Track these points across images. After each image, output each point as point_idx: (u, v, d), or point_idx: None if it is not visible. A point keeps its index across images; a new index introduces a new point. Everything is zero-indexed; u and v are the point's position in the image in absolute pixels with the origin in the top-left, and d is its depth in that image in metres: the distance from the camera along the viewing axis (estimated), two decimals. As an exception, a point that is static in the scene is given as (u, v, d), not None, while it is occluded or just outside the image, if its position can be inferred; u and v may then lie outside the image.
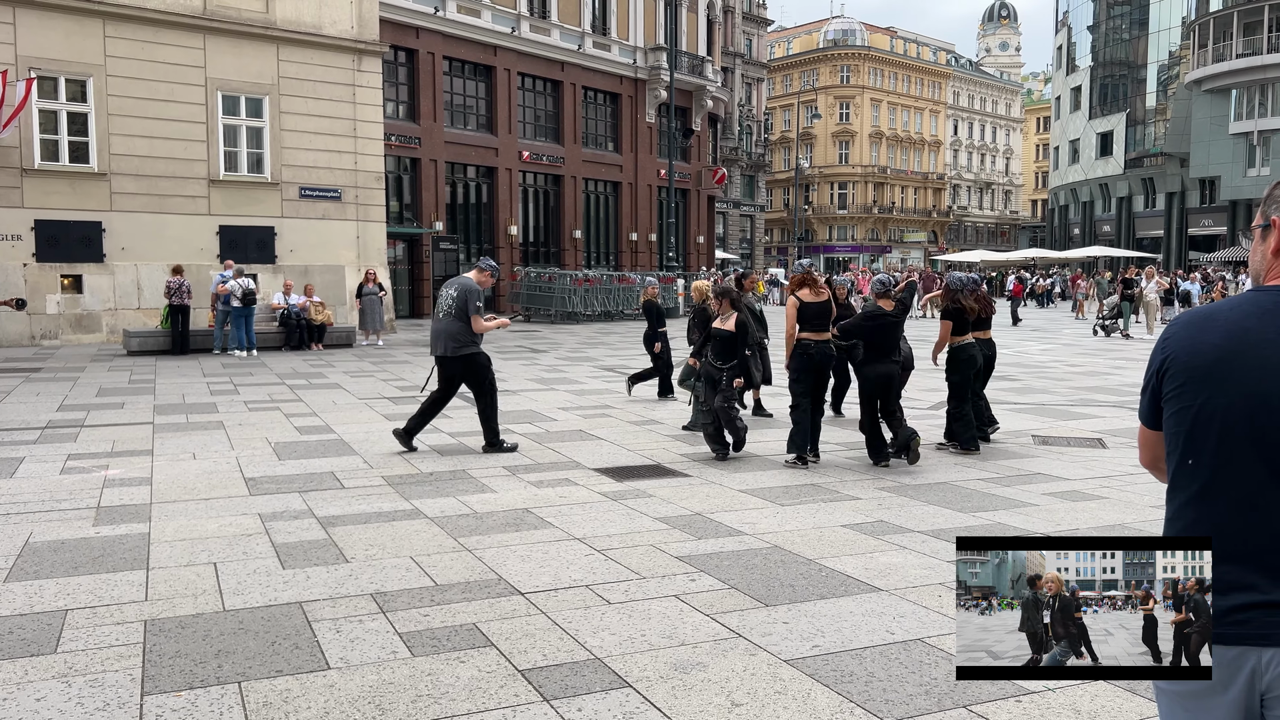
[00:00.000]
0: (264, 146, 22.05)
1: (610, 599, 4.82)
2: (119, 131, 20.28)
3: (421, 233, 30.43)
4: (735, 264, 50.84)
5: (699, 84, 40.87)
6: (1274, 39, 44.54)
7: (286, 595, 4.86)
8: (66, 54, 19.67)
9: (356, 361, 17.25)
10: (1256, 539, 1.71)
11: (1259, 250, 1.91)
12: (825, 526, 6.24)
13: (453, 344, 8.84)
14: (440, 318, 8.96)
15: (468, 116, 33.14)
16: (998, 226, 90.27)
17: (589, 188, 37.50)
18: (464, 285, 8.97)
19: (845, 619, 4.55)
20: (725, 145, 53.21)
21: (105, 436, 9.47)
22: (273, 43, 21.92)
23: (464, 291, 8.89)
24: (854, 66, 76.29)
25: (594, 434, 9.82)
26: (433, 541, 5.86)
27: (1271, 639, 1.67)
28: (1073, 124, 63.33)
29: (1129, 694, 3.73)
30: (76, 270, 19.97)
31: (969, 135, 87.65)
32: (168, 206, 20.86)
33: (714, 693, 3.73)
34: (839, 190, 77.56)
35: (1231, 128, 46.65)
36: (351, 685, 3.80)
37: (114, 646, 4.17)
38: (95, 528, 6.14)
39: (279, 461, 8.31)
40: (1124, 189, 58.23)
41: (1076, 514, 6.64)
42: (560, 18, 35.18)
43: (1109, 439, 9.57)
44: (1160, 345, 1.91)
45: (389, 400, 12.17)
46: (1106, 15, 58.97)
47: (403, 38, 29.70)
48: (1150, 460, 2.03)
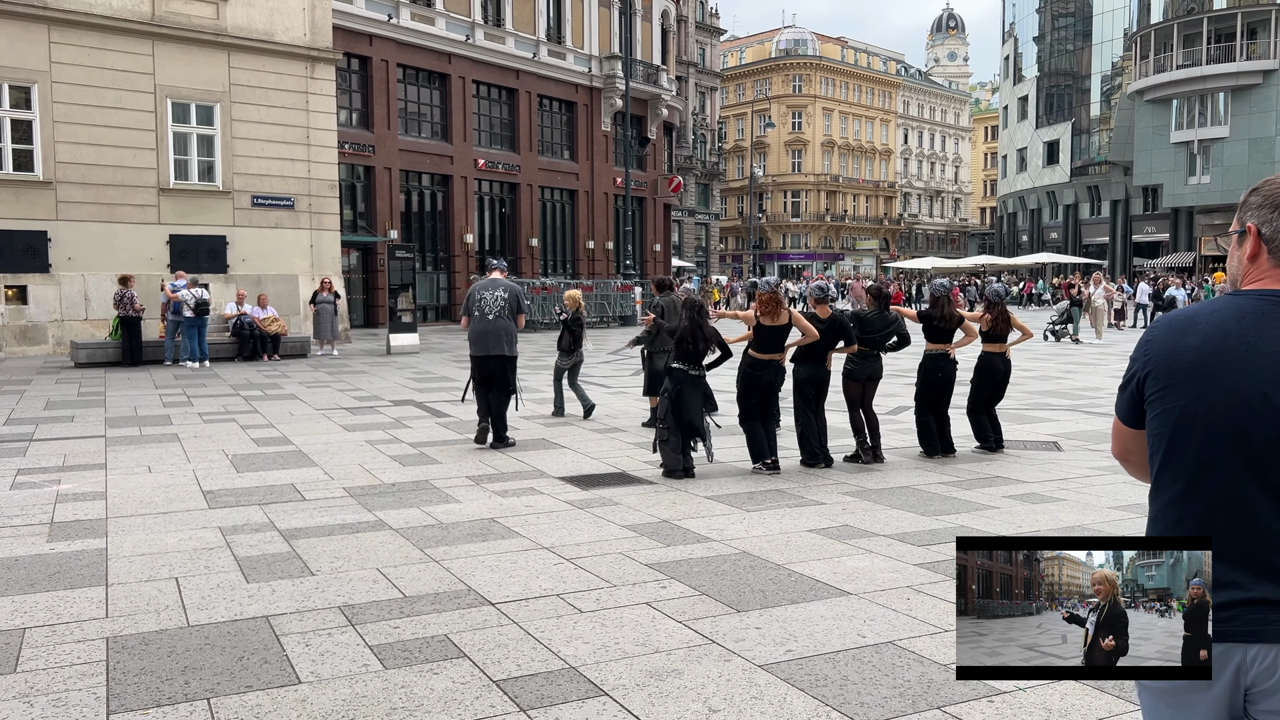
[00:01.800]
0: (215, 154, 21.72)
1: (582, 608, 4.80)
2: (65, 139, 19.85)
3: (376, 241, 30.16)
4: (690, 271, 51.05)
5: (654, 93, 41.01)
6: (1213, 51, 45.71)
7: (252, 609, 4.78)
8: (10, 60, 19.23)
9: (312, 372, 17.04)
10: (1239, 537, 1.75)
11: (1235, 255, 1.96)
12: (792, 531, 6.27)
13: (508, 342, 9.16)
14: (490, 318, 9.14)
15: (422, 124, 32.93)
16: (948, 234, 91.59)
17: (545, 196, 37.42)
18: (509, 285, 9.29)
19: (817, 623, 4.58)
20: (680, 154, 53.38)
21: (56, 450, 9.25)
22: (223, 49, 21.61)
23: (514, 292, 9.23)
24: (806, 76, 77.08)
25: (557, 442, 9.78)
26: (399, 553, 5.79)
27: (1256, 635, 1.71)
28: (1020, 133, 64.47)
29: (1097, 692, 3.79)
30: (21, 281, 19.49)
31: (919, 144, 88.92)
32: (116, 215, 20.45)
33: (691, 699, 3.73)
34: (792, 198, 78.26)
35: (1173, 137, 47.77)
36: (324, 699, 3.74)
37: (76, 665, 4.07)
38: (50, 544, 5.99)
39: (237, 474, 8.17)
40: (1070, 197, 59.38)
41: (1037, 516, 6.74)
42: (515, 26, 35.11)
43: (1064, 442, 9.74)
44: (1142, 348, 1.94)
45: (347, 411, 12.03)
46: (1051, 27, 60.16)
47: (356, 45, 29.45)
48: (1120, 452, 2.07)
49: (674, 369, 8.19)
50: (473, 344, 9.41)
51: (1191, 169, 47.35)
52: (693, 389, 8.09)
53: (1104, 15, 55.19)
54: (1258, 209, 1.90)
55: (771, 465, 8.19)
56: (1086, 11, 56.64)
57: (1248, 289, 1.88)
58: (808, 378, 8.44)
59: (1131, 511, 6.81)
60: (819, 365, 8.48)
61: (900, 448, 9.35)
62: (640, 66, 39.64)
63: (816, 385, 8.46)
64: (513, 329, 9.23)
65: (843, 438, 9.46)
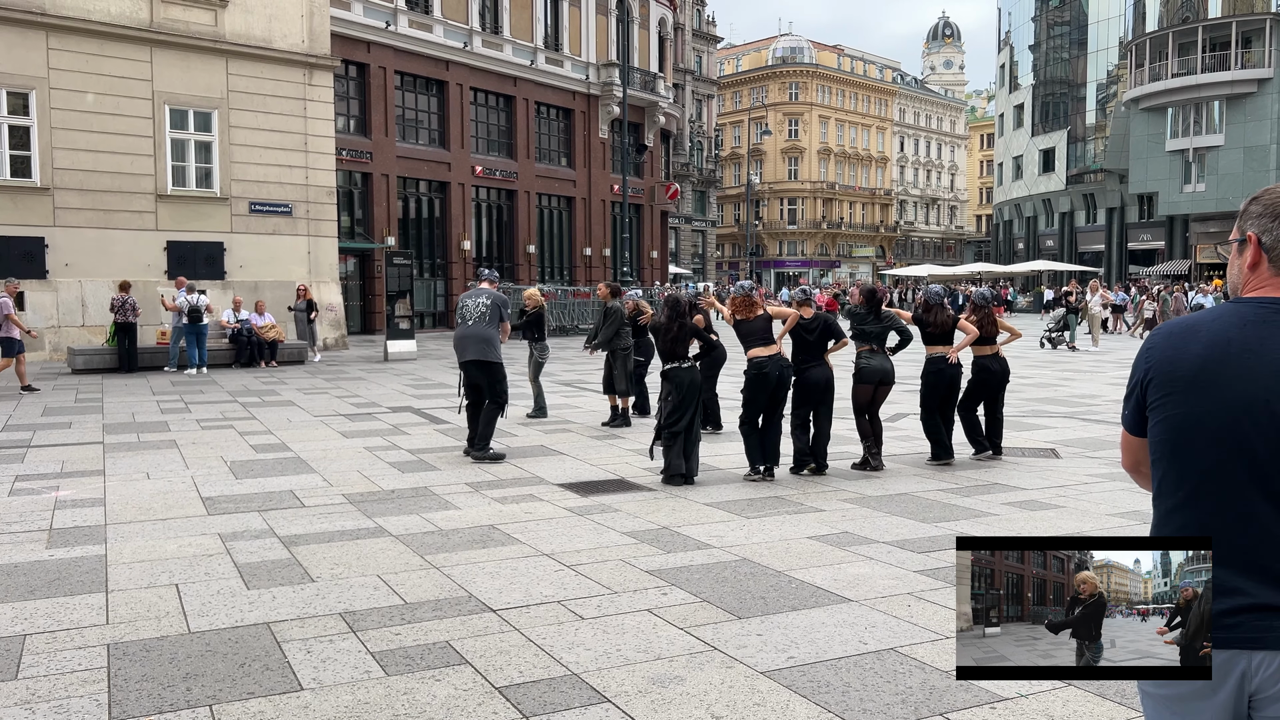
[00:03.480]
0: (213, 161, 21.73)
1: (583, 614, 4.80)
2: (63, 145, 19.85)
3: (373, 248, 30.16)
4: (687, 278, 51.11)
5: (651, 100, 41.09)
6: (1208, 59, 45.87)
7: (253, 616, 4.78)
8: (9, 66, 19.24)
9: (309, 378, 17.03)
10: (1242, 543, 1.76)
11: (1236, 264, 1.98)
12: (792, 538, 6.28)
13: (486, 348, 9.12)
14: (469, 324, 9.21)
15: (420, 131, 32.96)
16: (944, 241, 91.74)
17: (542, 203, 37.45)
18: (493, 294, 9.37)
19: (818, 630, 4.59)
20: (677, 161, 53.52)
21: (54, 457, 9.24)
22: (222, 56, 21.63)
23: (496, 300, 9.31)
24: (802, 84, 77.23)
25: (555, 449, 9.79)
26: (399, 559, 5.80)
27: (1261, 642, 1.71)
28: (1016, 141, 64.63)
29: (1100, 698, 3.80)
30: (18, 287, 19.44)
31: (915, 152, 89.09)
32: (113, 222, 20.44)
33: (694, 706, 3.74)
34: (789, 206, 78.34)
35: (1168, 145, 47.89)
36: (326, 706, 3.74)
37: (77, 671, 4.07)
38: (49, 550, 5.98)
39: (236, 480, 8.17)
40: (1066, 204, 59.51)
41: (1036, 523, 6.75)
42: (513, 33, 35.17)
43: (1062, 449, 9.76)
44: (1144, 355, 1.95)
45: (345, 417, 12.03)
46: (1047, 35, 60.33)
47: (354, 52, 29.48)
48: (1131, 464, 2.08)
49: (665, 370, 8.27)
50: (454, 350, 9.53)
51: (1187, 177, 47.48)
52: (692, 386, 8.15)
53: (1099, 24, 55.38)
54: (1258, 218, 1.92)
55: (765, 473, 8.21)
56: (1082, 20, 56.81)
57: (1248, 296, 1.90)
58: (810, 378, 8.43)
59: (1130, 518, 6.82)
60: (820, 364, 8.50)
61: (899, 455, 9.37)
62: (637, 74, 39.72)
63: (821, 386, 8.43)
64: (491, 335, 9.19)
65: (843, 444, 9.48)
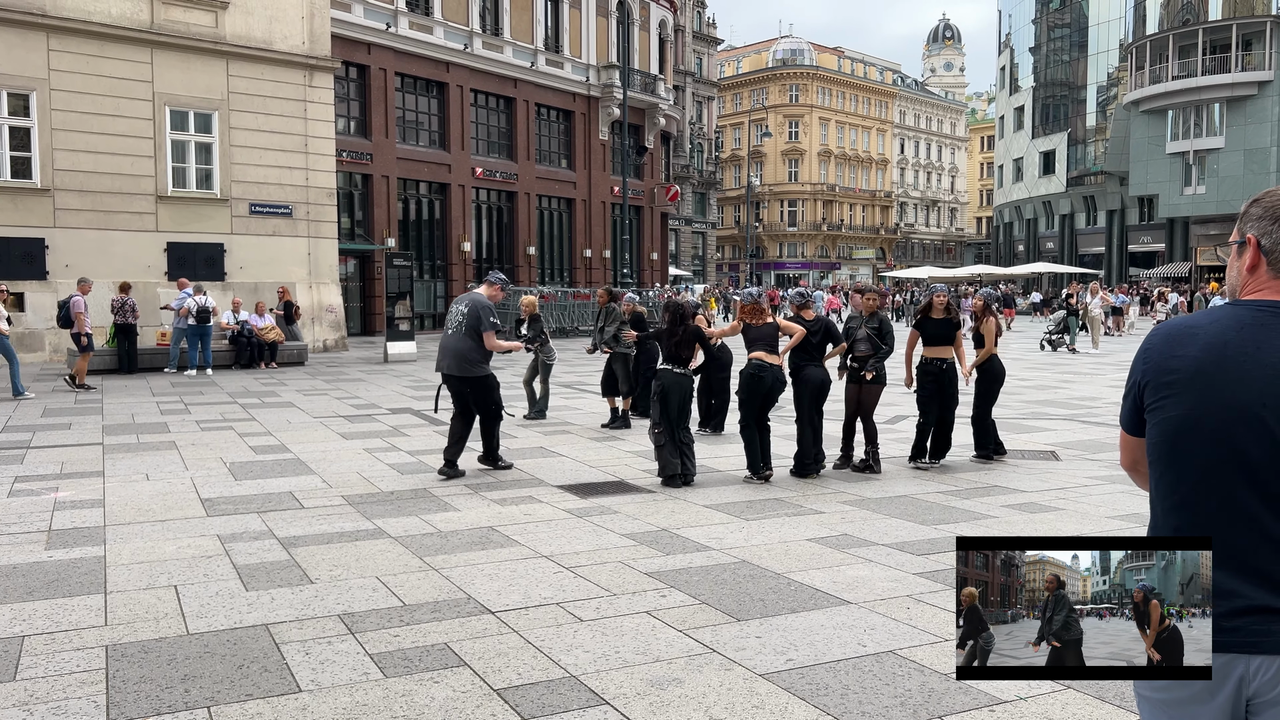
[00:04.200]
0: (213, 162, 21.74)
1: (582, 616, 4.80)
2: (63, 146, 19.87)
3: (373, 249, 30.16)
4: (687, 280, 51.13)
5: (651, 102, 41.11)
6: (1208, 61, 45.91)
7: (252, 617, 4.77)
8: (9, 67, 19.25)
9: (309, 380, 17.03)
10: (1239, 546, 1.75)
11: (1235, 266, 1.98)
12: (791, 541, 6.28)
13: (462, 363, 8.36)
14: (449, 334, 8.47)
15: (420, 133, 32.97)
16: (944, 243, 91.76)
17: (543, 204, 37.46)
18: (475, 301, 8.50)
19: (817, 632, 4.58)
20: (677, 163, 53.53)
21: (53, 458, 9.24)
22: (222, 58, 21.64)
23: (475, 307, 8.40)
24: (802, 86, 77.27)
25: (555, 450, 9.79)
26: (398, 561, 5.79)
27: (1259, 646, 1.71)
28: (1016, 143, 64.66)
29: (1098, 701, 3.80)
30: (18, 288, 19.43)
31: (915, 154, 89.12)
32: (113, 223, 20.46)
33: (692, 708, 3.73)
34: (789, 208, 78.37)
35: (1168, 147, 47.93)
36: (325, 708, 3.74)
37: (75, 673, 4.07)
38: (48, 551, 5.98)
39: (235, 482, 8.17)
40: (1066, 206, 59.54)
41: (1035, 525, 6.75)
42: (513, 35, 35.19)
43: (1061, 451, 9.75)
44: (1141, 357, 1.95)
45: (344, 419, 12.03)
46: (1047, 37, 60.37)
47: (354, 53, 29.49)
48: (1130, 463, 2.08)
49: (660, 369, 8.35)
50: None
51: (1187, 179, 47.52)
52: (677, 389, 8.18)
53: (1099, 26, 55.42)
54: (1258, 220, 1.91)
55: (765, 477, 8.24)
56: (1082, 22, 56.86)
57: (1247, 299, 1.90)
58: (810, 377, 8.47)
59: (1129, 520, 6.82)
60: (819, 365, 8.58)
61: (898, 457, 9.36)
62: (638, 76, 39.74)
63: (817, 386, 8.48)
64: (464, 349, 8.32)
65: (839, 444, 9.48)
